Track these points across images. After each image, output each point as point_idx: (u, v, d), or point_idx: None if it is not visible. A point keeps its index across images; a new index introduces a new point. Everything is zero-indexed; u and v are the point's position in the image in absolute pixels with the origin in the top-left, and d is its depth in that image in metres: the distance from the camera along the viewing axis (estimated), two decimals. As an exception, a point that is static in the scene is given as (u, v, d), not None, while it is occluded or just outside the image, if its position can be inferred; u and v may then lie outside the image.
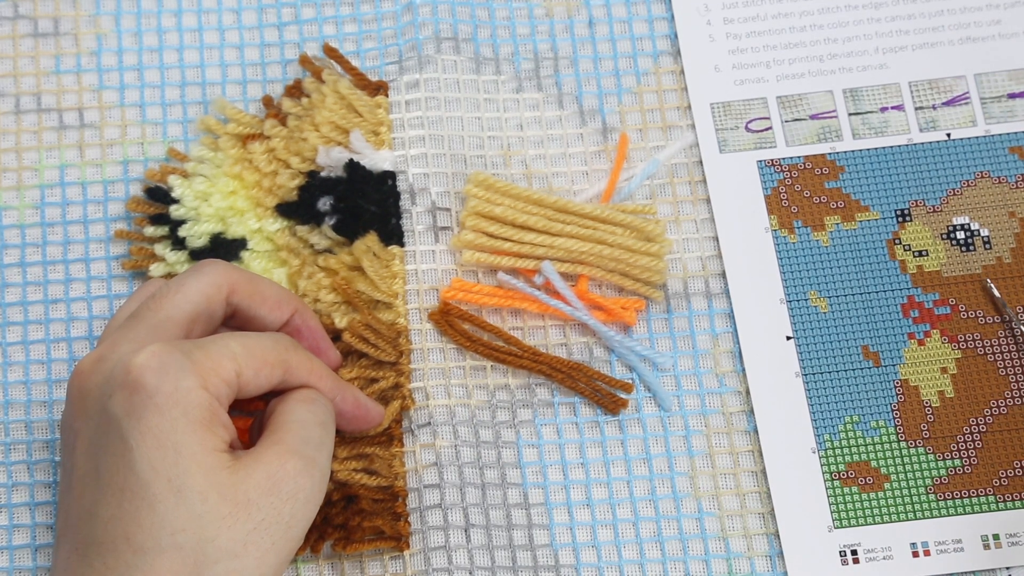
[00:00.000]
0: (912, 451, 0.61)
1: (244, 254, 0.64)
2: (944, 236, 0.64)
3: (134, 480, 0.49)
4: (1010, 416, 0.62)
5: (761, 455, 0.61)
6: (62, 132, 0.66)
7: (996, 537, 0.60)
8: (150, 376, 0.50)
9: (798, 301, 0.63)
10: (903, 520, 0.60)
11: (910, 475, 0.61)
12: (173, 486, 0.49)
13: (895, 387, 0.62)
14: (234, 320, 0.57)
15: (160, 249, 0.64)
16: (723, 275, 0.64)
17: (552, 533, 0.60)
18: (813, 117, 0.67)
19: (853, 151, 0.66)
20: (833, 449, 0.61)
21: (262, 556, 0.51)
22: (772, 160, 0.66)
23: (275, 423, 0.54)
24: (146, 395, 0.50)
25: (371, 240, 0.63)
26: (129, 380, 0.50)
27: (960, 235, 0.64)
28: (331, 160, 0.64)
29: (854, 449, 0.61)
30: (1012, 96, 0.67)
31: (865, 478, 0.61)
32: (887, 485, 0.61)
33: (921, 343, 0.63)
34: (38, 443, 0.62)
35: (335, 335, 0.61)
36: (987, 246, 0.64)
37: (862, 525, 0.60)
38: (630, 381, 0.62)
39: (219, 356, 0.52)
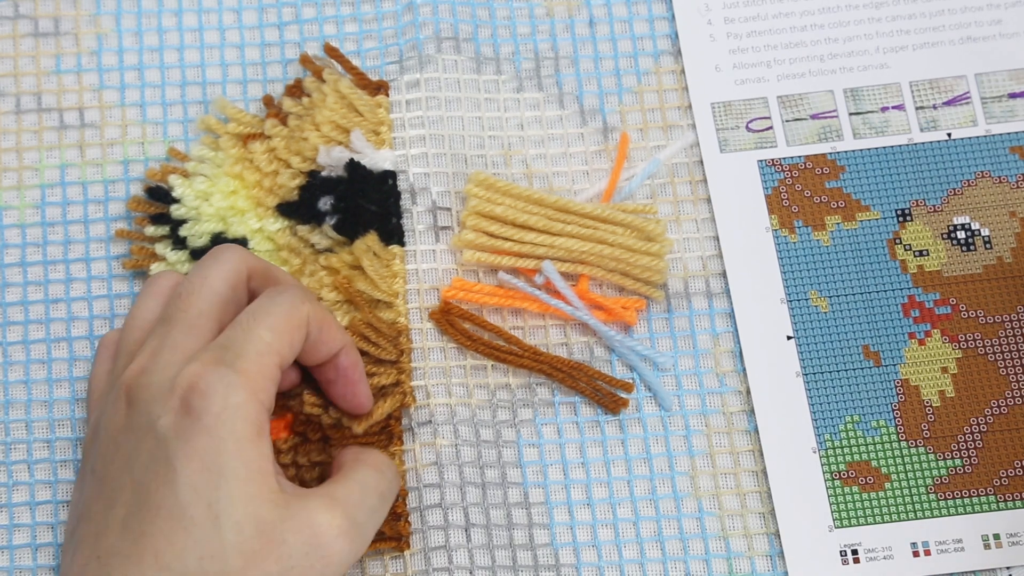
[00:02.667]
0: (912, 451, 0.61)
1: (245, 253, 0.64)
2: (945, 236, 0.64)
3: (173, 501, 0.49)
4: (1010, 416, 0.62)
5: (761, 455, 0.61)
6: (63, 132, 0.66)
7: (997, 537, 0.60)
8: (198, 398, 0.50)
9: (799, 301, 0.63)
10: (903, 520, 0.60)
11: (910, 475, 0.61)
12: (212, 512, 0.49)
13: (895, 387, 0.62)
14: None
15: (161, 249, 0.64)
16: (723, 275, 0.64)
17: (553, 532, 0.60)
18: (814, 117, 0.67)
19: (854, 151, 0.66)
20: (833, 449, 0.61)
21: None
22: (773, 160, 0.66)
23: (340, 477, 0.54)
24: (195, 417, 0.49)
25: (371, 239, 0.63)
26: (178, 401, 0.50)
27: (961, 235, 0.64)
28: (332, 160, 0.64)
29: (854, 449, 0.61)
30: (1013, 96, 0.67)
31: (865, 478, 0.61)
32: (887, 485, 0.61)
33: (922, 343, 0.63)
34: (38, 443, 0.62)
35: (336, 334, 0.61)
36: (988, 246, 0.64)
37: (862, 525, 0.60)
38: (631, 381, 0.62)
39: (260, 357, 0.51)
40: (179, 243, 0.63)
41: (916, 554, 0.60)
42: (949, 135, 0.66)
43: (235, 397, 0.50)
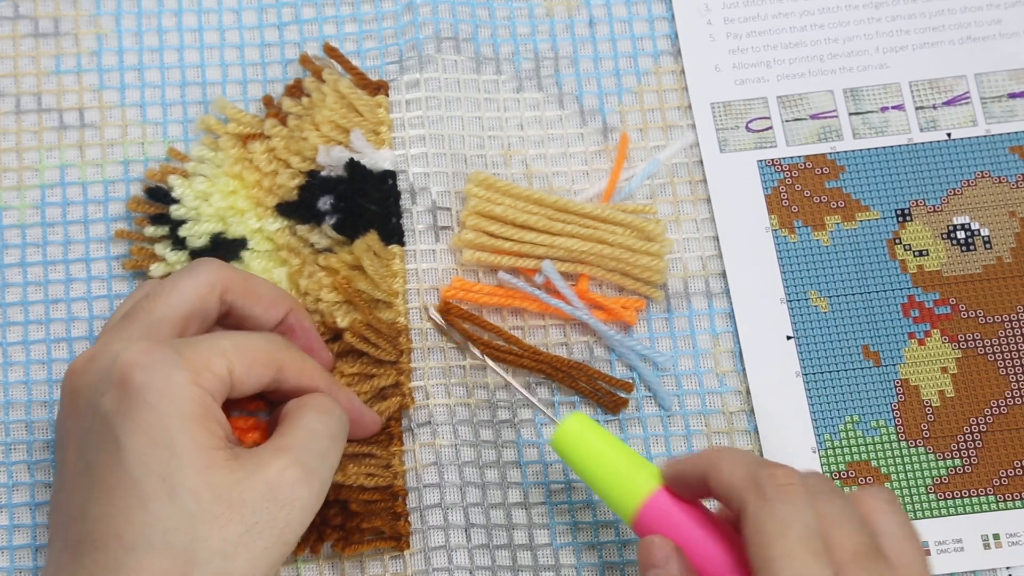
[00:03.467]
0: (912, 451, 0.61)
1: (244, 254, 0.64)
2: (944, 236, 0.64)
3: (125, 478, 0.49)
4: (1010, 416, 0.62)
5: (762, 455, 0.61)
6: (62, 132, 0.66)
7: (996, 537, 0.60)
8: (140, 372, 0.50)
9: (798, 301, 0.63)
10: (903, 520, 0.60)
11: (910, 475, 0.61)
12: (166, 485, 0.49)
13: (895, 387, 0.62)
14: (228, 319, 0.57)
15: (160, 249, 0.64)
16: (723, 275, 0.64)
17: (553, 532, 0.60)
18: (813, 117, 0.67)
19: (853, 151, 0.66)
20: (833, 449, 0.61)
21: (253, 560, 0.50)
22: (772, 160, 0.66)
23: (285, 426, 0.53)
24: (136, 392, 0.49)
25: (371, 239, 0.62)
26: (119, 377, 0.50)
27: (960, 235, 0.64)
28: (331, 159, 0.64)
29: (854, 449, 0.61)
30: (1012, 96, 0.67)
31: (865, 478, 0.61)
32: (887, 485, 0.61)
33: (921, 343, 0.63)
34: (38, 443, 0.62)
35: (337, 334, 0.61)
36: (987, 246, 0.64)
37: (862, 525, 0.60)
38: (630, 380, 0.62)
39: (210, 352, 0.51)
40: (179, 243, 0.63)
41: (916, 554, 0.60)
42: (949, 135, 0.66)
43: (177, 376, 0.50)
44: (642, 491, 0.53)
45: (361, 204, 0.63)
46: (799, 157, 0.66)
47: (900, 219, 0.65)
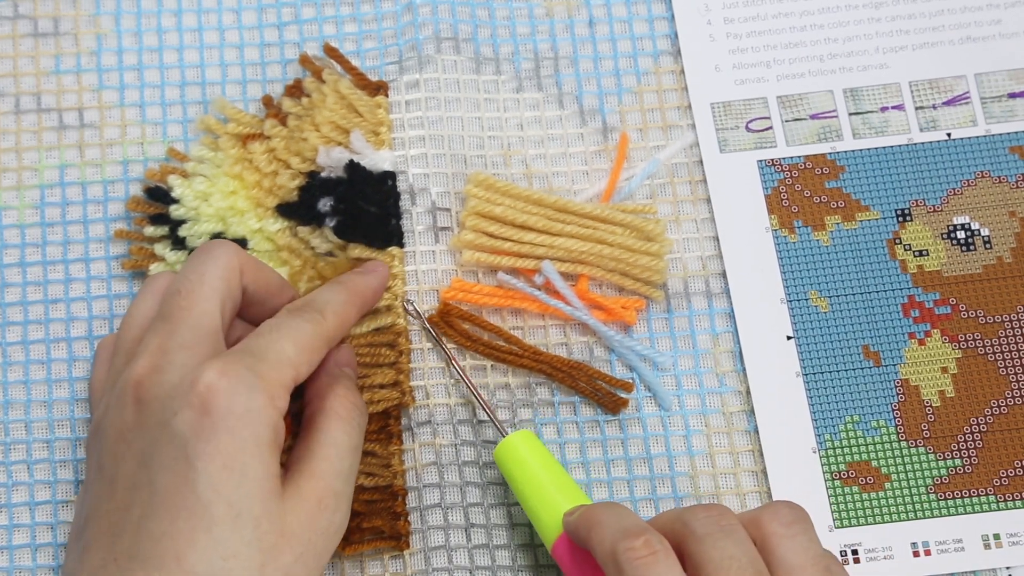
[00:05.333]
0: (912, 451, 0.61)
1: (244, 254, 0.63)
2: (944, 236, 0.64)
3: (193, 500, 0.49)
4: (1010, 416, 0.62)
5: (762, 455, 0.61)
6: (62, 132, 0.66)
7: (996, 537, 0.60)
8: (221, 397, 0.50)
9: (798, 301, 0.63)
10: (903, 520, 0.60)
11: (910, 475, 0.61)
12: (233, 510, 0.49)
13: (895, 387, 0.62)
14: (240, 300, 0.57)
15: (160, 249, 0.64)
16: (723, 275, 0.64)
17: (552, 533, 0.60)
18: (813, 117, 0.67)
19: (853, 151, 0.66)
20: (833, 449, 0.61)
21: None
22: (772, 160, 0.66)
23: (313, 442, 0.54)
24: (217, 417, 0.50)
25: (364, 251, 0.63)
26: (198, 400, 0.50)
27: (960, 235, 0.64)
28: (331, 160, 0.64)
29: (854, 449, 0.61)
30: (1012, 96, 0.67)
31: (865, 478, 0.61)
32: (887, 485, 0.61)
33: (921, 343, 0.63)
34: (38, 443, 0.62)
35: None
36: (987, 246, 0.64)
37: (862, 525, 0.60)
38: (630, 380, 0.62)
39: (280, 365, 0.52)
40: (178, 243, 0.63)
41: (916, 554, 0.60)
42: (949, 135, 0.66)
43: (257, 401, 0.50)
44: (559, 528, 0.55)
45: (361, 206, 0.63)
46: (799, 157, 0.66)
47: (900, 219, 0.65)
